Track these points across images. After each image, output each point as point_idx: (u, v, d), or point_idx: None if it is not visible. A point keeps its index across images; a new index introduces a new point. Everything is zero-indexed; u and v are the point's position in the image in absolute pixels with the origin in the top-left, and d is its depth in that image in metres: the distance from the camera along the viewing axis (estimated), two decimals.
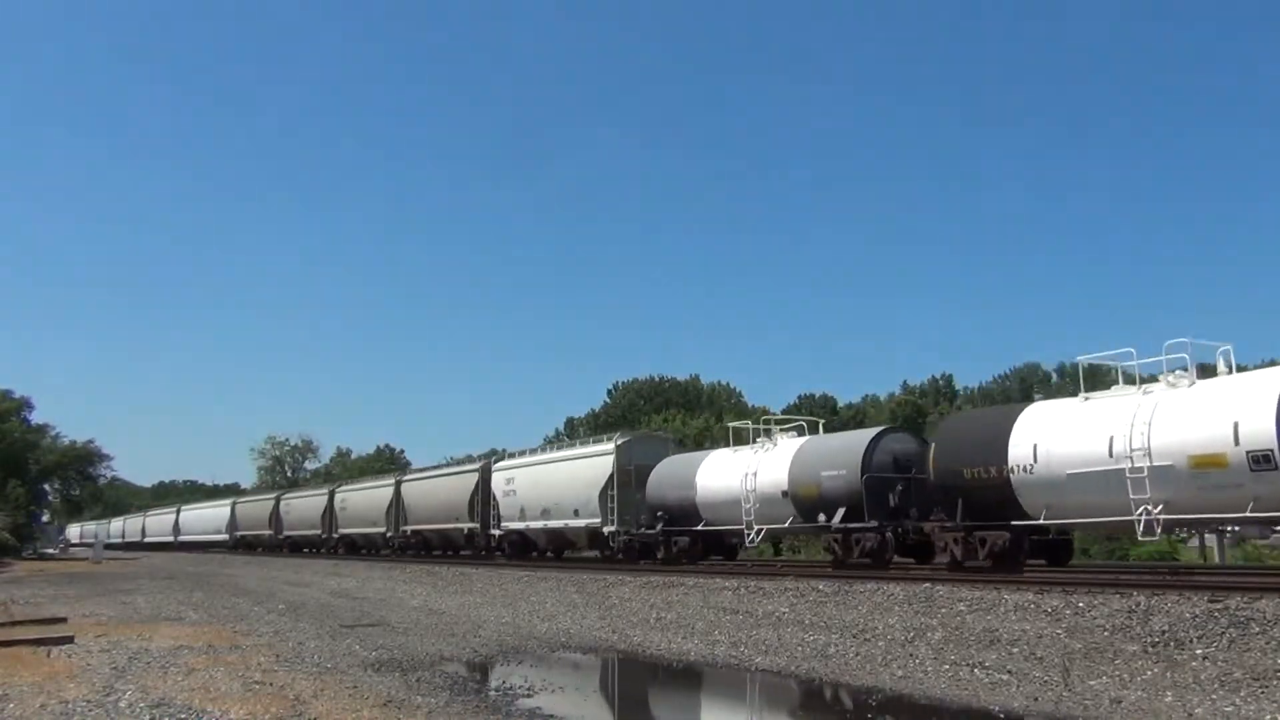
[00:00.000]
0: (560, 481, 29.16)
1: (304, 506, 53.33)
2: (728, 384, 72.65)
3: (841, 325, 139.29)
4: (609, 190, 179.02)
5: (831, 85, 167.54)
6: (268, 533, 57.21)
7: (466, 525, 34.36)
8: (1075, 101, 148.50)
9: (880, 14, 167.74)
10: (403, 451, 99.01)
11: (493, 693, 10.43)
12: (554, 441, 46.64)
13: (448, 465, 44.18)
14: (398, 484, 41.54)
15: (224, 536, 64.85)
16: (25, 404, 73.26)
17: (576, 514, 28.02)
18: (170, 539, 77.53)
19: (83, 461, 78.24)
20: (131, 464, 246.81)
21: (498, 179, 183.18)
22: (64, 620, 17.43)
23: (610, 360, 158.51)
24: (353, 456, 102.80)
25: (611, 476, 26.66)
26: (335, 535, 47.27)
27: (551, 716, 9.53)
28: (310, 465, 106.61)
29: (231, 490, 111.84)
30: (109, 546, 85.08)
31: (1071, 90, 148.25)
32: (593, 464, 27.82)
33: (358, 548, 45.71)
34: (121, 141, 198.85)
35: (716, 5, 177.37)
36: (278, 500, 58.24)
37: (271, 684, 10.38)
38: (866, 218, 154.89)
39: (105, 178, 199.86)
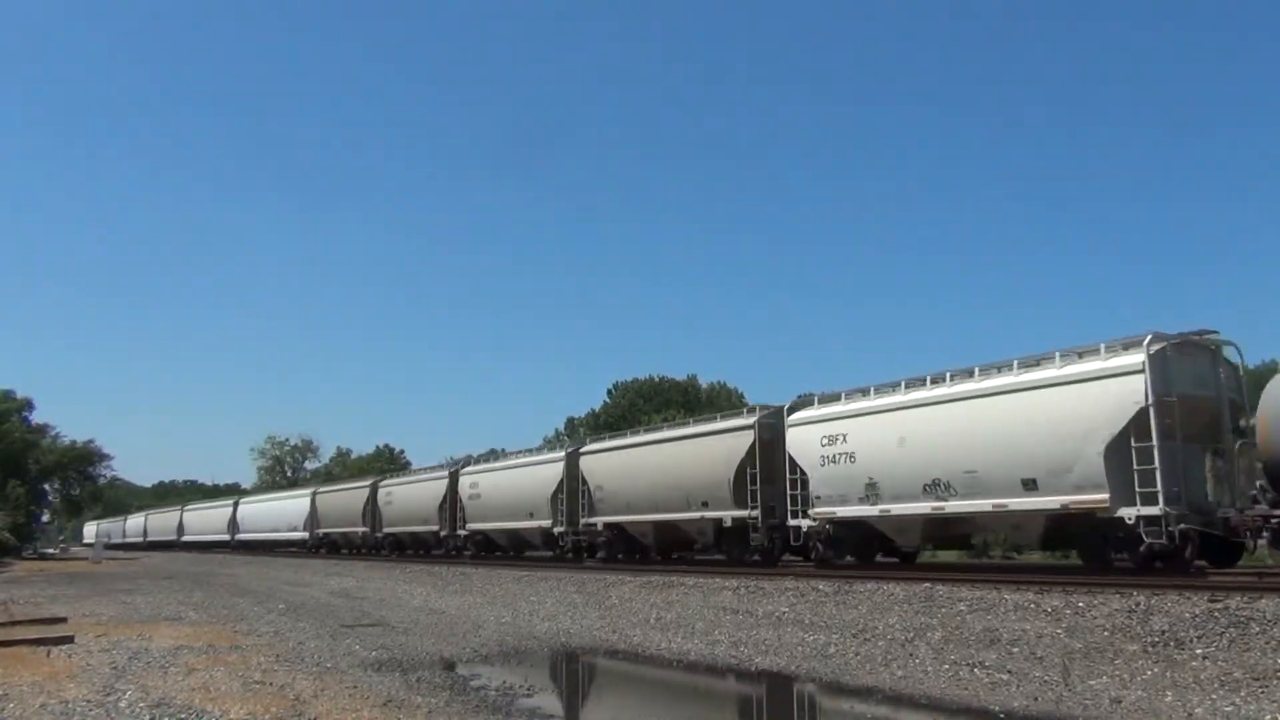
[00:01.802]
0: (990, 431, 16.67)
1: (413, 496, 40.08)
2: (725, 384, 72.74)
3: (841, 325, 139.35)
4: (609, 190, 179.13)
5: (833, 85, 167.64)
6: (360, 530, 44.85)
7: (727, 514, 22.25)
8: (1076, 100, 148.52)
9: (881, 14, 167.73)
10: (403, 451, 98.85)
11: (493, 693, 10.43)
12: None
13: (680, 424, 28.43)
14: (572, 457, 29.34)
15: (301, 535, 51.69)
16: (27, 404, 73.39)
17: (1029, 487, 15.81)
18: (224, 538, 63.63)
19: (83, 461, 78.26)
20: (131, 464, 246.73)
21: (498, 179, 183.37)
22: (64, 620, 17.43)
23: (610, 360, 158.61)
24: (353, 456, 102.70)
25: (1144, 412, 14.53)
26: (462, 532, 35.31)
27: (552, 716, 9.54)
28: (310, 465, 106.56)
29: (233, 490, 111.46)
30: (130, 547, 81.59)
31: (1072, 89, 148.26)
32: (1082, 395, 15.38)
33: (495, 548, 34.33)
34: (121, 141, 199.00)
35: (717, 6, 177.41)
36: (374, 488, 44.57)
37: (271, 684, 10.38)
38: (866, 218, 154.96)
39: (105, 178, 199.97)
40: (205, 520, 69.45)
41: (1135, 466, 14.63)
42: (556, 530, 29.45)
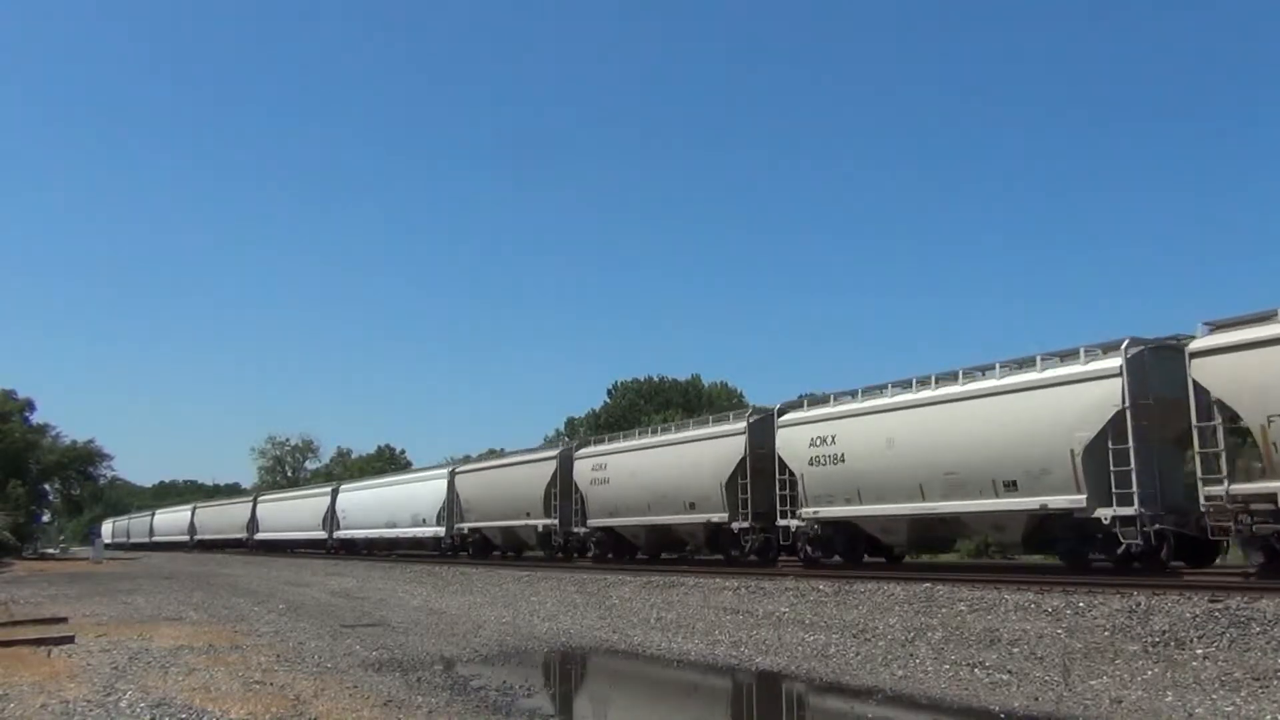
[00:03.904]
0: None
1: (658, 468, 25.04)
2: (726, 384, 72.71)
3: (842, 325, 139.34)
4: (609, 190, 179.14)
5: (833, 83, 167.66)
6: (541, 523, 29.76)
7: None
8: (1078, 97, 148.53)
9: (883, 10, 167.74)
10: (403, 451, 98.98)
11: (493, 693, 10.43)
12: None
13: None
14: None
15: (432, 532, 37.28)
16: (28, 405, 73.47)
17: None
18: (318, 536, 48.64)
19: (83, 461, 78.24)
20: (131, 464, 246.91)
21: (498, 178, 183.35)
22: (64, 620, 17.44)
23: (610, 360, 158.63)
24: (353, 456, 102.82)
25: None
26: (793, 523, 20.84)
27: (551, 716, 9.53)
28: (311, 465, 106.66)
29: (233, 490, 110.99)
30: (163, 548, 74.87)
31: (1074, 86, 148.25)
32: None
33: (880, 552, 20.88)
34: (121, 140, 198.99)
35: (719, 5, 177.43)
36: (566, 460, 29.11)
37: (272, 684, 10.38)
38: (867, 216, 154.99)
39: (105, 176, 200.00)
40: (288, 515, 53.64)
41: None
42: (1087, 511, 15.43)
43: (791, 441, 21.23)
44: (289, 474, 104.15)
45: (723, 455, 22.95)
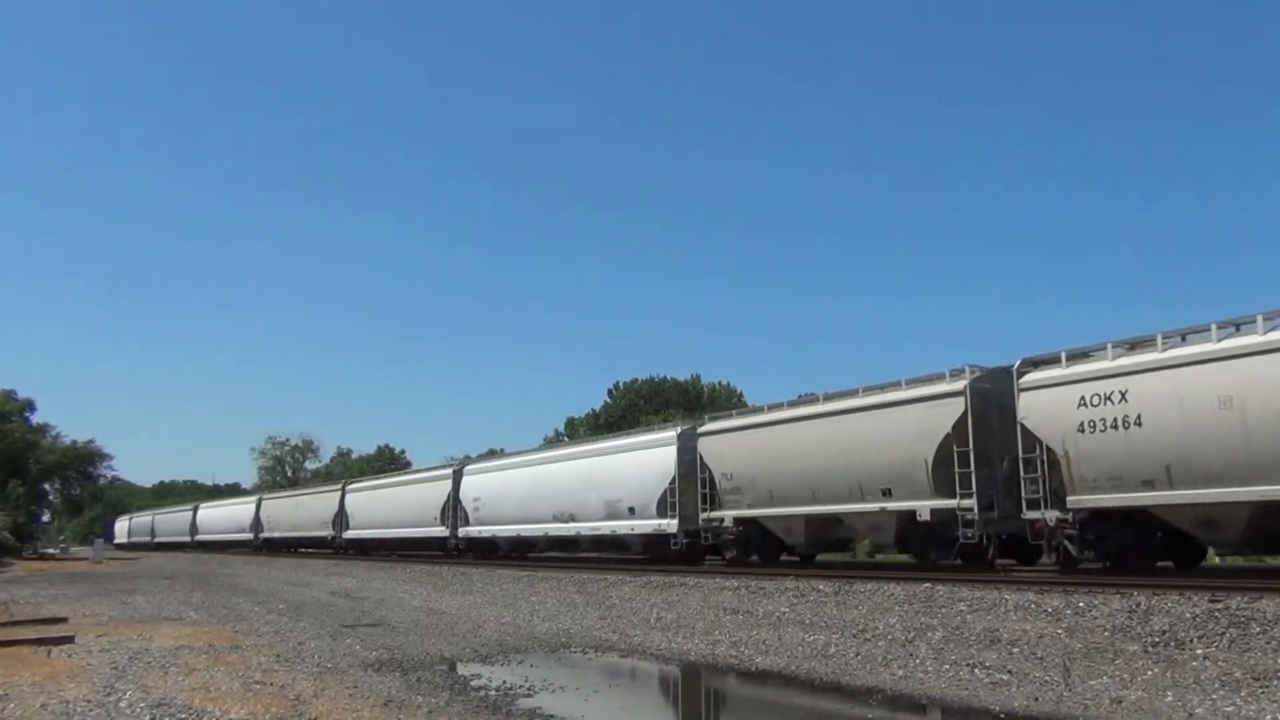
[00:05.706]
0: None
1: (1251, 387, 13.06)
2: (728, 384, 72.72)
3: (843, 325, 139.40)
4: (610, 190, 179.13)
5: (834, 84, 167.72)
6: (926, 506, 18.04)
7: None
8: (1079, 95, 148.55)
9: (885, 10, 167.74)
10: (403, 452, 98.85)
11: (493, 693, 10.43)
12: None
13: None
14: None
15: (654, 526, 25.22)
16: (28, 405, 73.53)
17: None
18: (436, 532, 36.92)
19: (83, 461, 78.27)
20: (131, 464, 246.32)
21: (498, 178, 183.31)
22: (64, 620, 17.45)
23: (610, 360, 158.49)
24: (353, 456, 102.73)
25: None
26: None
27: (552, 716, 9.52)
28: (310, 465, 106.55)
29: (232, 490, 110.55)
30: (214, 548, 64.55)
31: (1078, 88, 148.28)
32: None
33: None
34: (121, 139, 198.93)
35: (719, 4, 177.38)
36: (977, 395, 17.54)
37: (272, 684, 10.38)
38: (868, 216, 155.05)
39: (105, 176, 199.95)
40: (389, 507, 41.76)
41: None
42: None
43: None
44: (289, 474, 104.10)
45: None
